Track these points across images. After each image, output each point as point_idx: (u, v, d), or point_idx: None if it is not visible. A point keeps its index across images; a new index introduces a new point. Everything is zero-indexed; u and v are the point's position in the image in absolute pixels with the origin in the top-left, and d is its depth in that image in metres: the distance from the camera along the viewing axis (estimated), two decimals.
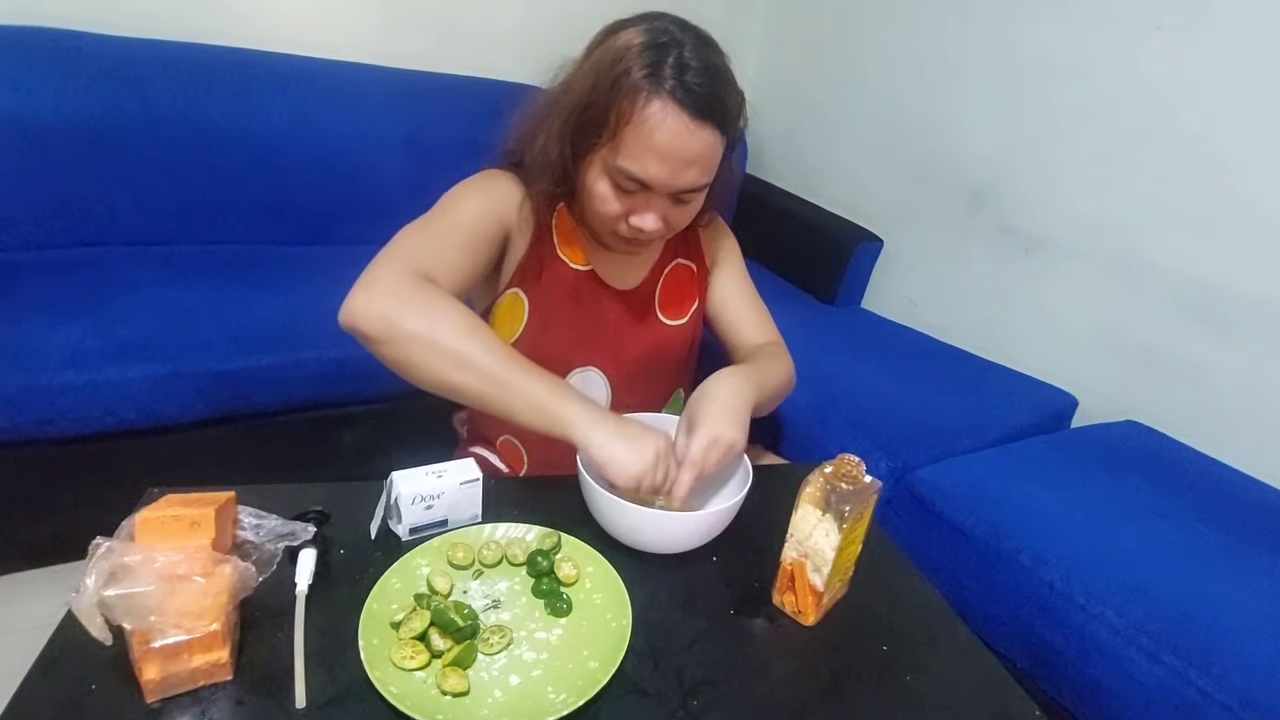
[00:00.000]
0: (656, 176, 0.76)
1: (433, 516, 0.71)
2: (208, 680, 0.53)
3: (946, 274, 1.87)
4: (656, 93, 0.73)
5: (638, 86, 0.73)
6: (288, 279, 1.52)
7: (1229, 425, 1.35)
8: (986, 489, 1.15)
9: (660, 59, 0.73)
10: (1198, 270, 1.38)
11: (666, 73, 0.73)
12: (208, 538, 0.54)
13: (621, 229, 0.83)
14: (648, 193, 0.78)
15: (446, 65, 1.93)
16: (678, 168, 0.76)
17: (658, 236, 0.84)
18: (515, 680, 0.57)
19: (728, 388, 0.80)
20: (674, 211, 0.82)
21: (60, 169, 1.48)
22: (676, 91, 0.73)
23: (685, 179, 0.77)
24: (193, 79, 1.58)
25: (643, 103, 0.73)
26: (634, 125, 0.74)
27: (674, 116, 0.73)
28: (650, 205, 0.80)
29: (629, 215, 0.81)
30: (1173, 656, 0.87)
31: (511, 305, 0.91)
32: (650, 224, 0.80)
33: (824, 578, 0.65)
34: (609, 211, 0.81)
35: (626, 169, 0.76)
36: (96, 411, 1.18)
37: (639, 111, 0.73)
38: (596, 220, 0.85)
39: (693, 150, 0.75)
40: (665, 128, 0.73)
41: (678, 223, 0.84)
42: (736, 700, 0.59)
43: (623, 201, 0.80)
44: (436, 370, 0.71)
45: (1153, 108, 1.41)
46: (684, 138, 0.74)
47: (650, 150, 0.74)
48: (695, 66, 0.73)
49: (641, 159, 0.75)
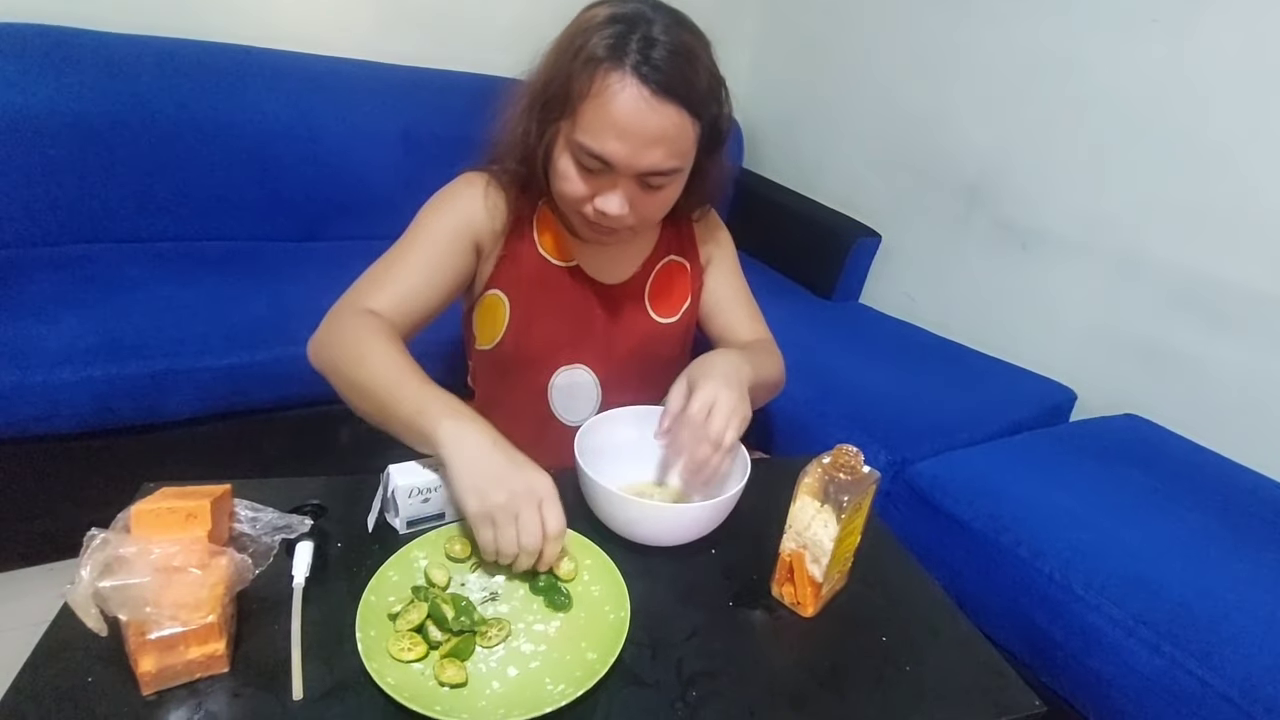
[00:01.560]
0: (616, 153, 0.73)
1: (429, 510, 0.71)
2: (204, 672, 0.53)
3: (945, 268, 1.87)
4: (616, 66, 0.70)
5: (597, 59, 0.71)
6: (283, 275, 1.52)
7: (1227, 418, 1.35)
8: (986, 482, 1.14)
9: (626, 34, 0.71)
10: (1196, 264, 1.38)
11: (631, 47, 0.70)
12: (204, 530, 0.54)
13: (587, 212, 0.79)
14: (612, 173, 0.75)
15: (442, 62, 1.93)
16: (638, 146, 0.72)
17: (625, 225, 0.80)
18: (513, 672, 0.57)
19: (729, 360, 0.80)
20: (643, 197, 0.78)
21: (55, 165, 1.47)
22: (640, 67, 0.70)
23: (648, 159, 0.74)
24: (188, 75, 1.58)
25: (601, 75, 0.71)
26: (591, 99, 0.71)
27: (632, 90, 0.70)
28: (616, 186, 0.76)
29: (594, 197, 0.78)
30: (1172, 647, 0.87)
31: (492, 306, 0.90)
32: (614, 207, 0.76)
33: (823, 569, 0.65)
34: (573, 192, 0.78)
35: (585, 144, 0.73)
36: (92, 408, 1.18)
37: (597, 84, 0.71)
38: (563, 203, 0.83)
39: (653, 127, 0.72)
40: (622, 101, 0.70)
41: (649, 212, 0.81)
42: (735, 691, 0.59)
43: (587, 182, 0.77)
44: (351, 399, 0.74)
45: (1150, 102, 1.41)
46: (643, 114, 0.71)
47: (609, 126, 0.71)
48: (663, 42, 0.71)
49: (600, 135, 0.72)
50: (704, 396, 0.74)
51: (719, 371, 0.77)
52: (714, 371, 0.77)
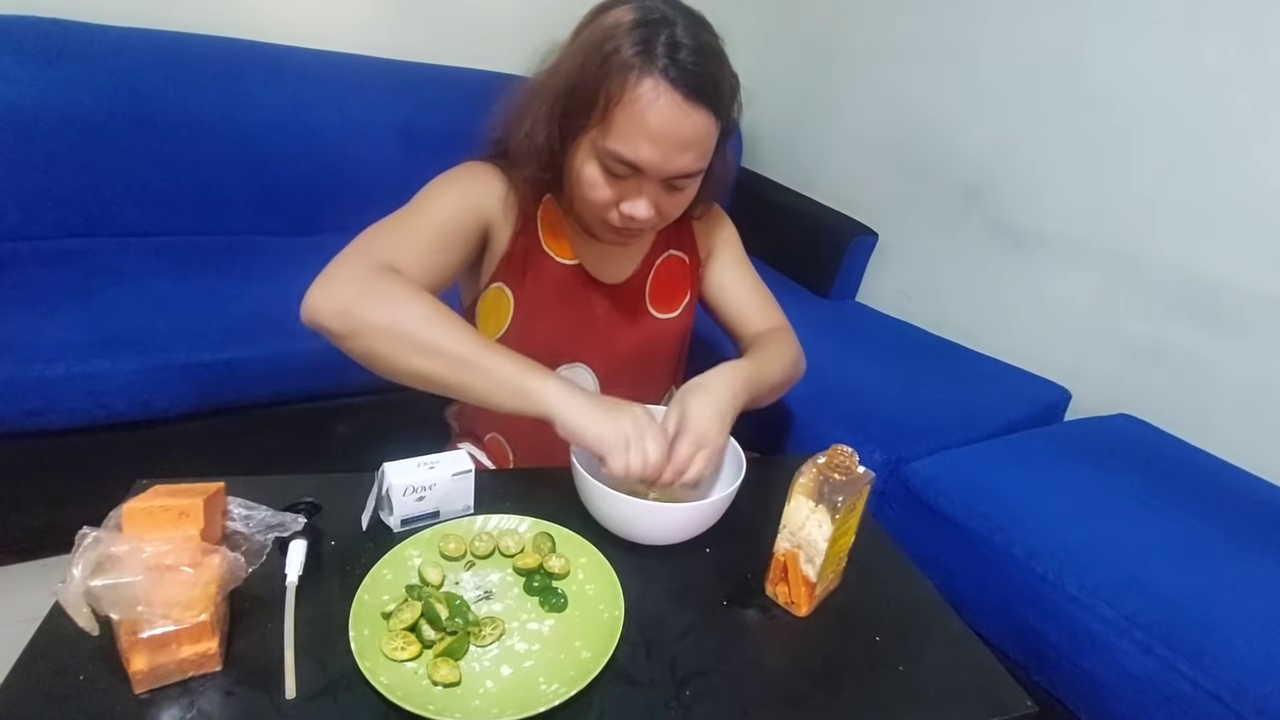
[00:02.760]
0: (649, 160, 0.73)
1: (424, 508, 0.71)
2: (197, 671, 0.53)
3: (941, 267, 1.87)
4: (648, 71, 0.70)
5: (628, 65, 0.70)
6: (279, 270, 1.51)
7: (1221, 419, 1.36)
8: (980, 482, 1.15)
9: (652, 36, 0.70)
10: (1191, 264, 1.38)
11: (659, 50, 0.70)
12: (196, 528, 0.54)
13: (612, 217, 0.80)
14: (639, 178, 0.76)
15: (440, 57, 1.92)
16: (670, 151, 0.73)
17: (650, 226, 0.81)
18: (507, 671, 0.57)
19: (718, 384, 0.79)
20: (666, 199, 0.79)
21: (50, 159, 1.46)
22: (669, 70, 0.70)
23: (679, 163, 0.74)
24: (184, 68, 1.57)
25: (634, 82, 0.70)
26: (624, 105, 0.71)
27: (666, 96, 0.70)
28: (642, 191, 0.77)
29: (620, 202, 0.78)
30: (1164, 648, 0.87)
31: (496, 300, 0.90)
32: (642, 211, 0.77)
33: (817, 568, 0.65)
34: (599, 198, 0.78)
35: (617, 152, 0.73)
36: (86, 403, 1.18)
37: (630, 91, 0.70)
38: (586, 208, 0.82)
39: (686, 133, 0.72)
40: (657, 108, 0.70)
41: (670, 212, 0.81)
42: (729, 690, 0.59)
43: (613, 187, 0.77)
44: (403, 360, 0.70)
45: (1147, 102, 1.41)
46: (677, 119, 0.71)
47: (642, 132, 0.71)
48: (688, 45, 0.71)
49: (633, 141, 0.72)
50: (685, 449, 0.72)
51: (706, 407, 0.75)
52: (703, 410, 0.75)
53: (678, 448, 0.72)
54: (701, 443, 0.73)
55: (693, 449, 0.73)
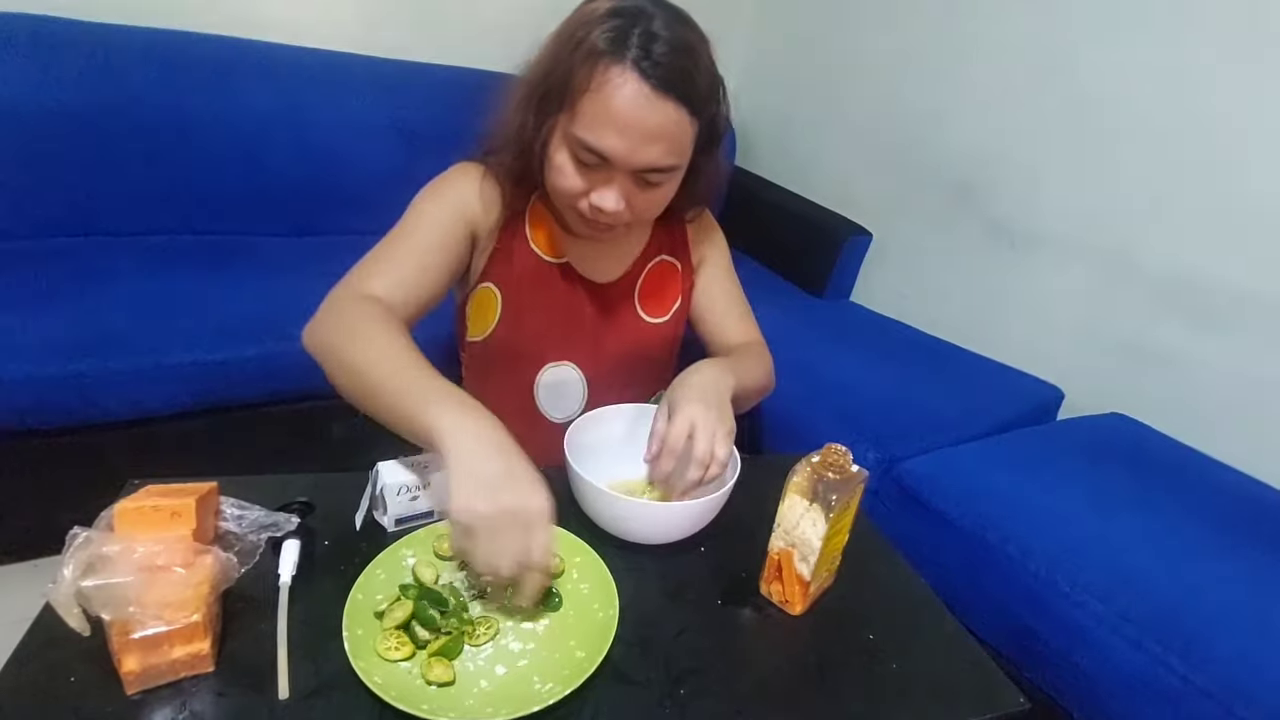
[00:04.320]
0: (614, 149, 0.72)
1: (418, 507, 0.70)
2: (189, 672, 0.52)
3: (935, 267, 1.88)
4: (617, 60, 0.69)
5: (599, 52, 0.70)
6: (271, 269, 1.51)
7: (1213, 418, 1.37)
8: (973, 480, 1.15)
9: (627, 28, 0.70)
10: (1183, 264, 1.39)
11: (632, 42, 0.69)
12: (188, 528, 0.53)
13: (583, 207, 0.79)
14: (609, 169, 0.75)
15: (433, 56, 1.92)
16: (636, 142, 0.72)
17: (621, 221, 0.80)
18: (501, 670, 0.57)
19: (707, 375, 0.80)
20: (639, 195, 0.78)
21: (40, 158, 1.46)
22: (641, 61, 0.69)
23: (646, 155, 0.73)
24: (175, 67, 1.56)
25: (602, 69, 0.70)
26: (591, 93, 0.70)
27: (634, 86, 0.69)
28: (612, 182, 0.76)
29: (589, 192, 0.77)
30: (1155, 644, 0.87)
31: (485, 298, 0.90)
32: (610, 203, 0.76)
33: (811, 567, 0.65)
34: (569, 187, 0.77)
35: (584, 139, 0.72)
36: (77, 403, 1.17)
37: (598, 78, 0.70)
38: (558, 197, 0.82)
39: (653, 124, 0.71)
40: (623, 95, 0.69)
41: (644, 209, 0.81)
42: (723, 689, 0.59)
43: (583, 177, 0.76)
44: (340, 384, 0.70)
45: (1140, 102, 1.42)
46: (645, 109, 0.70)
47: (609, 120, 0.71)
48: (664, 37, 0.70)
49: (599, 129, 0.71)
50: (681, 422, 0.74)
51: (696, 393, 0.77)
52: (691, 394, 0.77)
53: (696, 438, 0.73)
54: (713, 427, 0.74)
55: (708, 436, 0.73)
